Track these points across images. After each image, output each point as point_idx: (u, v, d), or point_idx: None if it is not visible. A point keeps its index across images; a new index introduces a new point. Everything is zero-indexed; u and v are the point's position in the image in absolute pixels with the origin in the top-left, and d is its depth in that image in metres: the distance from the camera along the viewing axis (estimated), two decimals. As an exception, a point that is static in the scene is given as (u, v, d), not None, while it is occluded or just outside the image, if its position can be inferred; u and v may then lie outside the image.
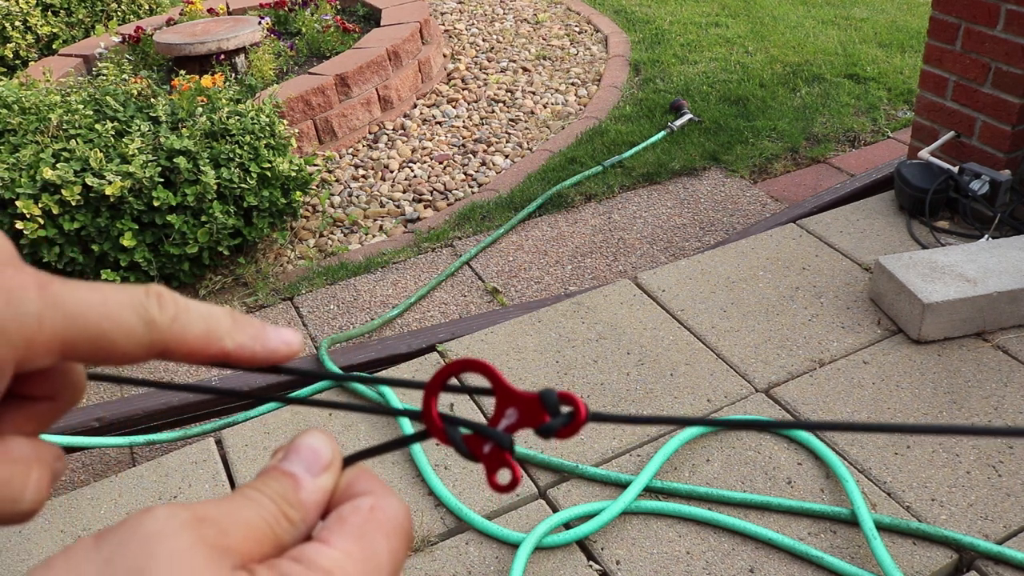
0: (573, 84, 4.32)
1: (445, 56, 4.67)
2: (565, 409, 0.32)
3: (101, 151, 2.70)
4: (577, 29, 5.02)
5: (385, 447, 0.33)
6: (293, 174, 3.04)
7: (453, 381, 0.34)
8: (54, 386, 0.31)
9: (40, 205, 2.59)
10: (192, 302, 0.31)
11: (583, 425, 0.32)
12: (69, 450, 2.14)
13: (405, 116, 4.07)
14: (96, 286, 0.29)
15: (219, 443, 2.04)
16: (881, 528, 1.64)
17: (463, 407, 2.03)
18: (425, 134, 3.91)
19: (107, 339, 0.28)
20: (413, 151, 3.79)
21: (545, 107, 4.10)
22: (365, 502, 0.29)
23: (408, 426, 1.99)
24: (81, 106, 2.85)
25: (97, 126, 2.76)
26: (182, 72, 3.70)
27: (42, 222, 2.62)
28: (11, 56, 4.75)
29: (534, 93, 4.24)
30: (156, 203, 2.68)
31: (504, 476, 0.32)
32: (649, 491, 1.78)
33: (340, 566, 0.26)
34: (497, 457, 0.32)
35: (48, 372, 0.31)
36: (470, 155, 3.73)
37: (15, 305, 0.27)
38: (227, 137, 2.90)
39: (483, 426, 0.32)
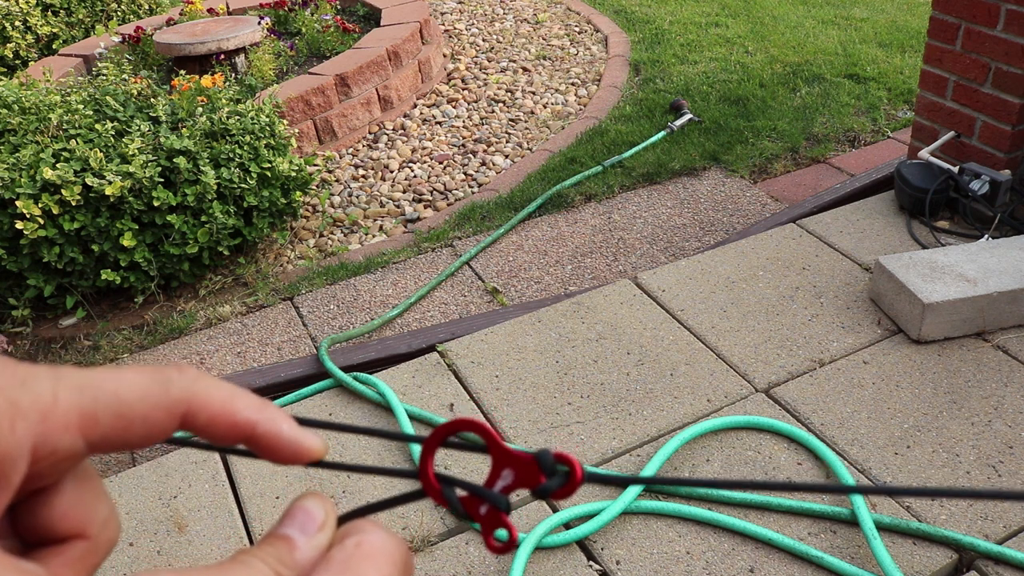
0: (573, 84, 4.32)
1: (445, 56, 4.67)
2: (561, 469, 0.32)
3: (101, 151, 2.70)
4: (577, 29, 5.02)
5: (381, 505, 0.34)
6: (293, 174, 3.04)
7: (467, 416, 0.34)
8: (81, 515, 0.30)
9: (40, 205, 2.59)
10: (218, 379, 0.30)
11: (579, 486, 0.32)
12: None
13: (405, 116, 4.07)
14: (115, 369, 0.29)
15: (219, 443, 2.04)
16: (881, 528, 1.65)
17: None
18: (425, 134, 3.92)
19: (125, 405, 0.28)
20: (413, 151, 3.79)
21: (545, 107, 4.10)
22: (351, 540, 0.29)
23: (408, 424, 1.99)
24: (81, 106, 2.85)
25: (97, 126, 2.76)
26: (182, 72, 3.70)
27: (42, 222, 2.62)
28: (11, 56, 4.75)
29: (534, 93, 4.24)
30: (156, 203, 2.68)
31: (501, 536, 0.32)
32: (649, 491, 1.78)
33: None
34: (493, 517, 0.32)
35: (72, 499, 0.30)
36: (470, 155, 3.73)
37: (29, 384, 0.26)
38: (227, 137, 2.90)
39: (479, 487, 0.32)
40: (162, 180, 2.73)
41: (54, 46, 4.88)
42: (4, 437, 0.25)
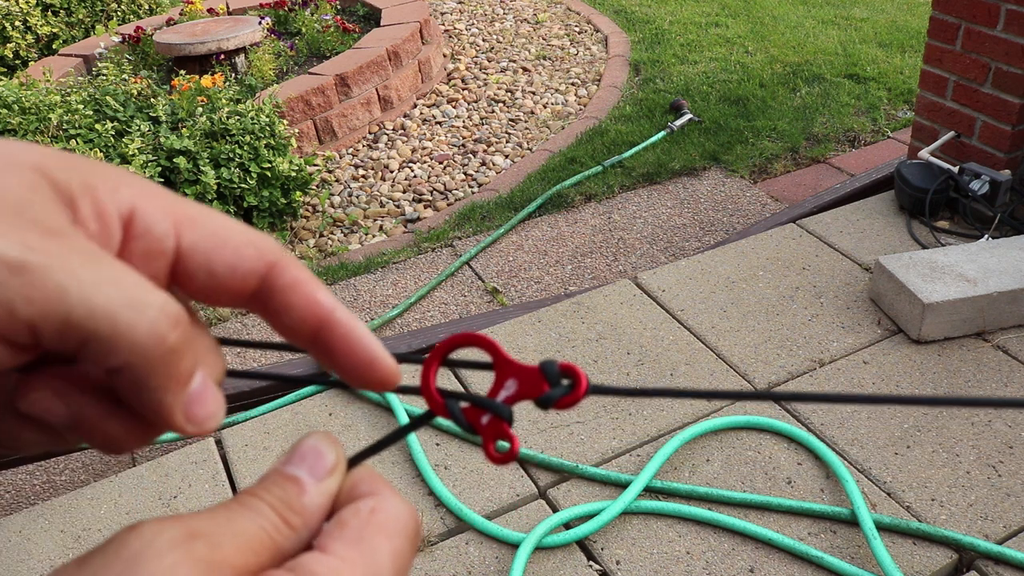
0: (573, 84, 4.32)
1: (445, 56, 4.67)
2: (565, 381, 0.32)
3: (101, 151, 2.70)
4: (577, 29, 5.02)
5: (388, 440, 0.33)
6: (293, 174, 3.05)
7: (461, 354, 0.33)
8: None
9: (40, 205, 2.59)
10: None
11: (583, 396, 0.31)
12: (69, 450, 2.14)
13: (405, 116, 4.07)
14: (220, 217, 0.28)
15: (219, 443, 2.04)
16: (881, 528, 1.64)
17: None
18: (425, 134, 3.92)
19: (222, 227, 0.28)
20: (413, 151, 3.79)
21: (545, 107, 4.10)
22: (366, 504, 0.28)
23: (405, 418, 1.99)
24: (81, 106, 2.85)
25: (97, 126, 2.76)
26: (182, 72, 3.70)
27: (42, 222, 2.62)
28: (11, 56, 4.75)
29: (534, 93, 4.24)
30: (156, 203, 2.69)
31: (501, 447, 0.32)
32: (649, 491, 1.78)
33: (338, 574, 0.25)
34: (495, 428, 0.32)
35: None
36: (470, 155, 3.73)
37: (140, 177, 0.28)
38: (227, 137, 2.90)
39: (481, 397, 0.32)
40: (162, 180, 2.73)
41: (54, 46, 4.88)
42: (106, 195, 0.26)
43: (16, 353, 0.24)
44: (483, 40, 4.91)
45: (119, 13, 5.15)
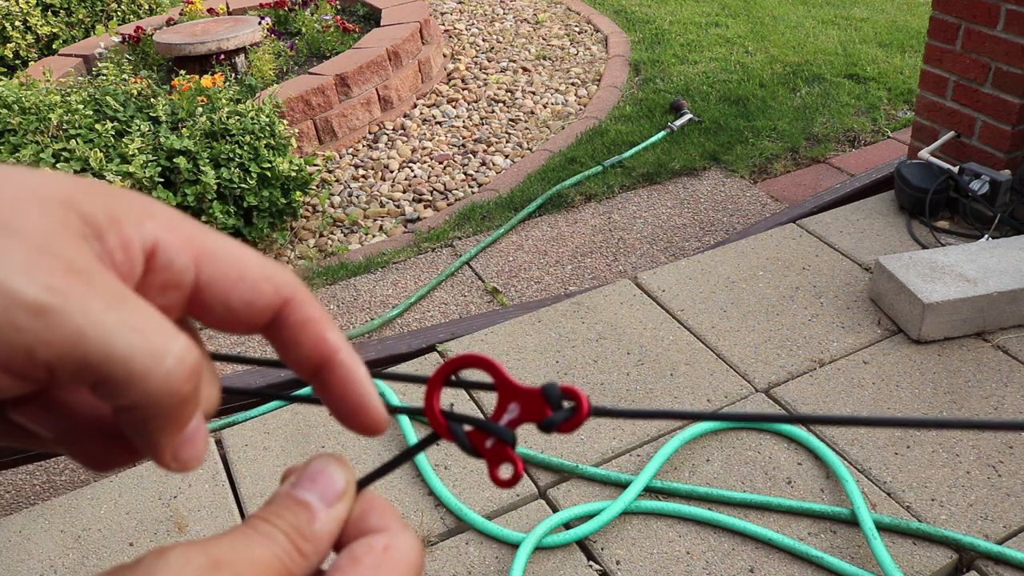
0: (573, 84, 4.32)
1: (445, 56, 4.67)
2: (567, 403, 0.32)
3: (101, 151, 2.70)
4: (577, 29, 5.02)
5: (395, 463, 0.33)
6: (293, 174, 3.05)
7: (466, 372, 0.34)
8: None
9: (40, 205, 2.59)
10: None
11: (585, 419, 0.32)
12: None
13: (405, 116, 4.07)
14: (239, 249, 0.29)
15: (219, 443, 2.04)
16: (881, 528, 1.64)
17: (463, 406, 2.03)
18: (425, 134, 3.92)
19: (239, 259, 0.28)
20: (413, 151, 3.79)
21: (545, 107, 4.10)
22: (379, 541, 0.28)
23: (407, 423, 1.99)
24: (81, 106, 2.85)
25: (97, 126, 2.76)
26: (182, 72, 3.70)
27: (42, 222, 2.62)
28: (11, 56, 4.75)
29: (534, 93, 4.24)
30: (156, 203, 2.69)
31: (506, 470, 0.32)
32: (649, 491, 1.78)
33: None
34: (499, 452, 0.32)
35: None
36: (470, 155, 3.73)
37: (161, 205, 0.28)
38: (227, 137, 2.90)
39: (485, 421, 0.32)
40: (162, 180, 2.73)
41: (54, 46, 4.88)
42: (131, 228, 0.26)
43: (29, 385, 0.24)
44: (483, 40, 4.91)
45: (119, 13, 5.15)
